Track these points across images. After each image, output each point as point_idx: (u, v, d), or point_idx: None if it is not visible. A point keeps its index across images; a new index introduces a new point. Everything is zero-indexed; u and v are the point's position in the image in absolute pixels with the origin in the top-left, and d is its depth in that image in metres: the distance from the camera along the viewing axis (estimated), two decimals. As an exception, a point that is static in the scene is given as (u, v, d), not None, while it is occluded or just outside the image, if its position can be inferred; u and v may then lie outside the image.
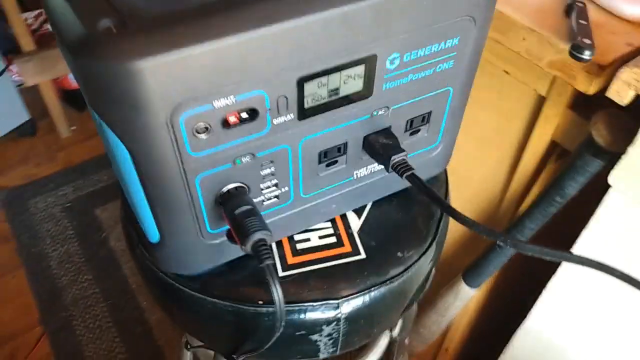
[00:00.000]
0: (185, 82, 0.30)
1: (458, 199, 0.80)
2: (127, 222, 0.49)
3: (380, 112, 0.41)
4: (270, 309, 0.43)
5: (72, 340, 1.28)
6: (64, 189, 1.65)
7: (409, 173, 0.40)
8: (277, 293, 0.36)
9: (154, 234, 0.40)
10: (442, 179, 0.56)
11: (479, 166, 0.73)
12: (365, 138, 0.42)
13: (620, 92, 0.45)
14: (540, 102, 0.59)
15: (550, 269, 0.62)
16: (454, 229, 0.84)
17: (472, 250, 0.76)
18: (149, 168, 0.34)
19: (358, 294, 0.46)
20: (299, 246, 0.48)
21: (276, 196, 0.42)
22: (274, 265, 0.46)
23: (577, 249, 0.58)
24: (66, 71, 1.68)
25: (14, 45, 1.64)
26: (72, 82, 1.82)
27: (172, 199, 0.36)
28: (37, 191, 1.64)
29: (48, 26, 1.75)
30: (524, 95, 0.60)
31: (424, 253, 0.50)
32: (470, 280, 0.78)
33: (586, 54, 0.44)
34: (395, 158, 0.41)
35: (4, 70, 1.63)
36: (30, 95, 1.78)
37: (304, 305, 0.44)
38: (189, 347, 0.69)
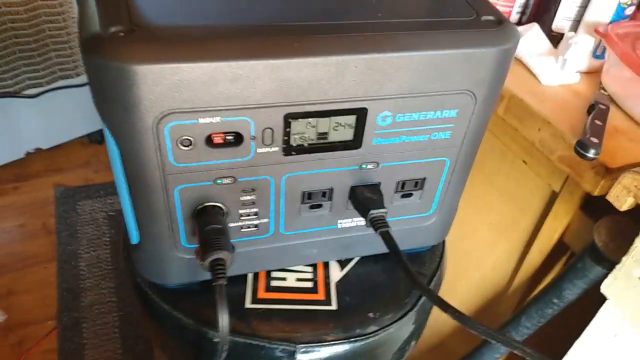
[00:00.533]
0: (175, 93, 0.32)
1: (467, 281, 0.78)
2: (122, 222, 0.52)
3: (369, 166, 0.42)
4: (230, 338, 0.43)
5: (77, 341, 1.31)
6: (112, 198, 1.74)
7: (383, 230, 0.40)
8: (222, 317, 0.36)
9: (134, 235, 0.42)
10: (438, 252, 0.55)
11: (490, 253, 0.71)
12: (352, 189, 0.43)
13: (620, 198, 0.43)
14: (554, 197, 0.57)
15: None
16: (461, 305, 0.80)
17: (473, 335, 0.72)
18: (133, 168, 0.36)
19: (318, 344, 0.45)
20: (274, 283, 0.48)
21: (255, 225, 0.43)
22: (241, 297, 0.46)
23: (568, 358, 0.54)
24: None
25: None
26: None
27: (151, 203, 0.38)
28: (89, 195, 1.74)
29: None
30: (539, 189, 0.59)
31: (399, 319, 0.49)
32: (464, 372, 0.74)
33: (591, 152, 0.43)
34: (374, 213, 0.41)
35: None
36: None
37: (261, 342, 0.44)
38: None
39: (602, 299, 0.50)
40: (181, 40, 0.32)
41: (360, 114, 0.38)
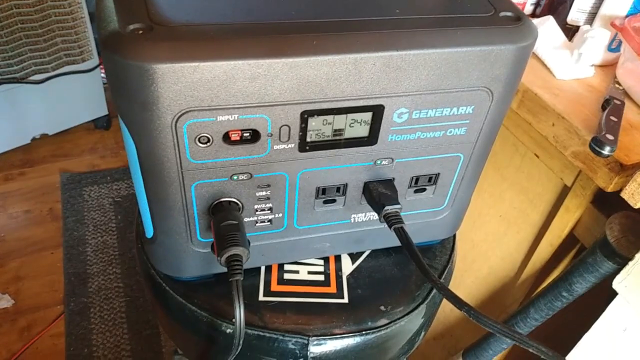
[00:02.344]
0: (193, 92, 0.32)
1: (474, 272, 0.78)
2: (138, 215, 0.52)
3: (384, 162, 0.42)
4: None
5: (85, 326, 1.32)
6: (119, 184, 1.75)
7: (398, 226, 0.40)
8: (239, 311, 0.36)
9: (149, 229, 0.42)
10: (449, 246, 0.55)
11: (499, 245, 0.71)
12: (366, 184, 0.43)
13: (635, 195, 0.43)
14: (565, 191, 0.57)
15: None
16: (464, 299, 0.81)
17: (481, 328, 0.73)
18: (150, 164, 0.36)
19: (330, 337, 0.46)
20: (287, 276, 0.49)
21: (269, 220, 0.43)
22: (255, 289, 0.47)
23: (576, 353, 0.54)
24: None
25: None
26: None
27: (168, 198, 0.38)
28: (95, 181, 1.74)
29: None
30: (551, 182, 0.59)
31: (409, 312, 0.49)
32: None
33: (606, 150, 0.43)
34: (389, 209, 0.41)
35: (97, 66, 1.78)
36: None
37: (275, 334, 0.45)
38: (176, 353, 0.71)
39: (611, 294, 0.51)
40: (200, 39, 0.32)
41: (377, 111, 0.38)
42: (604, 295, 0.51)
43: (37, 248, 1.51)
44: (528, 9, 0.68)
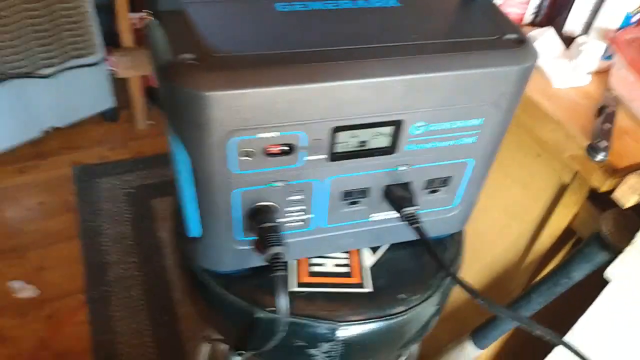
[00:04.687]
0: (240, 114, 0.37)
1: (479, 260, 0.84)
2: (174, 217, 0.57)
3: (402, 168, 0.47)
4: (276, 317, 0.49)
5: (107, 313, 1.38)
6: (130, 176, 1.80)
7: (416, 225, 0.46)
8: (283, 302, 0.42)
9: (196, 231, 0.47)
10: (458, 239, 0.61)
11: (502, 234, 0.77)
12: (387, 187, 0.48)
13: (625, 196, 0.48)
14: (564, 188, 0.62)
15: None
16: (475, 281, 0.87)
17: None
18: (202, 176, 0.41)
19: (356, 322, 0.51)
20: (315, 269, 0.54)
21: (301, 220, 0.48)
22: (286, 277, 0.52)
23: (573, 333, 0.60)
24: (156, 71, 1.85)
25: (115, 38, 1.83)
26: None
27: (215, 204, 0.44)
28: (107, 172, 1.79)
29: (149, 28, 1.93)
30: (551, 179, 0.64)
31: (425, 300, 0.55)
32: (478, 340, 0.81)
33: (600, 155, 0.48)
34: (407, 210, 0.46)
35: (102, 60, 1.81)
36: (119, 85, 1.97)
37: (307, 321, 0.50)
38: (207, 340, 0.77)
39: (604, 282, 0.56)
40: (246, 68, 0.37)
41: (397, 125, 0.43)
42: (597, 282, 0.57)
43: (55, 239, 1.56)
44: (528, 17, 0.72)
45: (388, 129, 0.43)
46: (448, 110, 0.43)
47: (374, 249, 0.57)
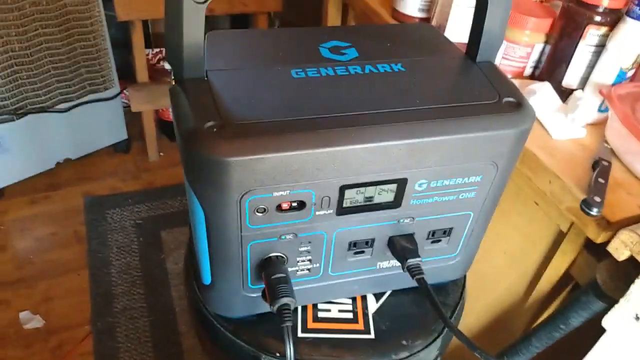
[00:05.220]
0: (257, 176, 0.40)
1: (481, 301, 0.86)
2: (188, 261, 0.60)
3: (406, 221, 0.50)
4: (283, 362, 0.51)
5: (112, 345, 1.40)
6: (139, 207, 1.83)
7: (419, 276, 0.48)
8: (290, 351, 0.44)
9: (207, 278, 0.50)
10: (460, 283, 0.63)
11: (503, 277, 0.79)
12: (391, 238, 0.51)
13: (619, 250, 0.51)
14: (561, 236, 0.65)
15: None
16: (473, 324, 0.88)
17: (488, 349, 0.80)
18: (217, 230, 0.44)
19: (360, 368, 0.53)
20: (320, 314, 0.56)
21: (308, 269, 0.51)
22: (294, 326, 0.54)
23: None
24: (168, 105, 1.90)
25: (129, 72, 1.89)
26: (171, 115, 2.04)
27: (228, 255, 0.46)
28: (117, 203, 1.83)
29: (163, 63, 2.00)
30: (549, 227, 0.67)
31: (427, 345, 0.56)
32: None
33: (594, 211, 0.51)
34: (411, 261, 0.49)
35: (118, 94, 1.87)
36: (132, 117, 2.03)
37: (313, 366, 0.52)
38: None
39: (601, 328, 0.58)
40: (262, 135, 0.40)
41: (401, 182, 0.46)
42: (596, 326, 0.59)
43: (64, 270, 1.59)
44: (528, 71, 0.76)
45: (392, 186, 0.46)
46: (448, 169, 0.46)
47: (378, 295, 0.59)
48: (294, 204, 0.44)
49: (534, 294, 0.72)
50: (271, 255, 0.48)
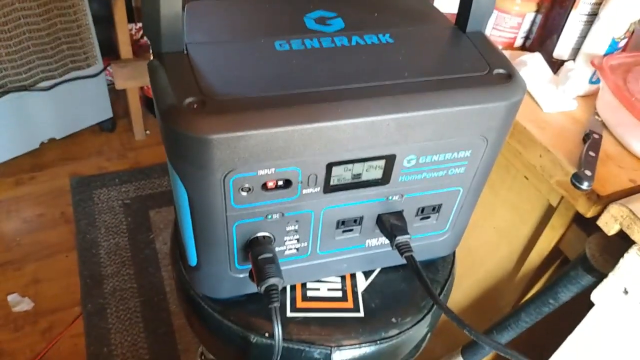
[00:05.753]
0: (240, 154, 0.39)
1: (471, 277, 0.86)
2: (174, 242, 0.59)
3: (395, 198, 0.49)
4: (270, 342, 0.51)
5: (103, 325, 1.39)
6: (127, 187, 1.81)
7: (408, 254, 0.47)
8: (278, 331, 0.43)
9: (193, 259, 0.49)
10: (449, 260, 0.63)
11: (492, 252, 0.79)
12: (379, 216, 0.50)
13: (608, 224, 0.50)
14: (551, 210, 0.64)
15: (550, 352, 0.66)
16: (462, 300, 0.89)
17: (478, 324, 0.81)
18: (201, 210, 0.43)
19: (350, 347, 0.53)
20: (309, 293, 0.56)
21: (296, 248, 0.50)
22: (283, 306, 0.54)
23: (559, 354, 0.62)
24: (153, 83, 1.86)
25: (113, 49, 1.85)
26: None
27: (213, 236, 0.45)
28: (104, 183, 1.80)
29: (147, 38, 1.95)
30: (538, 202, 0.66)
31: (417, 322, 0.56)
32: (468, 357, 0.83)
33: (584, 185, 0.50)
34: (400, 239, 0.48)
35: (102, 71, 1.83)
36: (117, 95, 1.98)
37: (302, 346, 0.52)
38: (202, 357, 0.78)
39: (590, 302, 0.58)
40: (244, 111, 0.38)
41: (390, 159, 0.44)
42: (584, 300, 0.59)
43: (52, 251, 1.57)
44: (519, 42, 0.74)
45: (381, 163, 0.45)
46: (438, 143, 0.45)
47: (367, 273, 0.58)
48: (280, 183, 0.43)
49: (523, 269, 0.72)
50: (258, 235, 0.47)
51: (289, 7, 0.52)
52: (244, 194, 0.42)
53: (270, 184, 0.43)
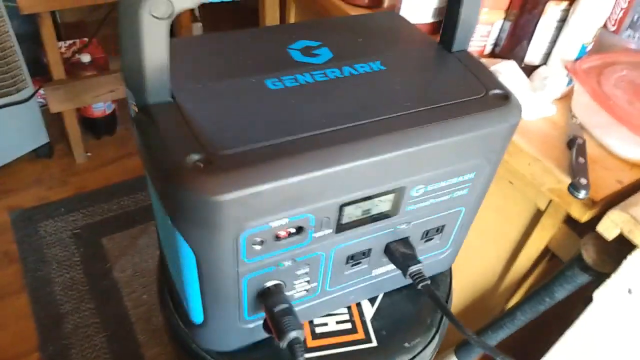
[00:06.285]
0: (252, 210, 0.36)
1: (459, 281, 0.86)
2: (163, 294, 0.55)
3: (402, 226, 0.47)
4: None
5: (69, 368, 1.31)
6: (74, 215, 1.70)
7: (424, 284, 0.46)
8: (304, 383, 0.41)
9: (198, 317, 0.46)
10: (447, 273, 0.62)
11: (480, 256, 0.80)
12: (387, 245, 0.49)
13: (608, 229, 0.52)
14: (539, 213, 0.66)
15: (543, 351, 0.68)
16: (455, 302, 0.89)
17: (472, 324, 0.82)
18: (210, 270, 0.40)
19: (367, 379, 0.51)
20: (318, 330, 0.54)
21: (306, 290, 0.48)
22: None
23: (555, 351, 0.64)
24: (90, 102, 1.76)
25: (42, 67, 1.72)
26: (94, 110, 1.89)
27: (222, 293, 0.42)
28: (48, 214, 1.69)
29: (79, 56, 1.83)
30: (525, 206, 0.68)
31: (428, 344, 0.56)
32: (461, 356, 0.84)
33: (582, 193, 0.51)
34: (413, 268, 0.47)
35: (32, 95, 1.70)
36: (52, 117, 1.86)
37: (321, 388, 0.50)
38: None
39: (586, 301, 0.60)
40: (255, 165, 0.35)
41: (399, 191, 0.43)
42: (579, 299, 0.60)
43: (0, 295, 1.46)
44: (488, 49, 0.75)
45: (391, 196, 0.43)
46: (444, 171, 0.44)
47: (372, 301, 0.57)
48: (292, 230, 0.41)
49: (512, 272, 0.73)
50: (269, 284, 0.44)
51: (270, 39, 0.49)
52: (257, 247, 0.40)
53: (283, 233, 0.40)
